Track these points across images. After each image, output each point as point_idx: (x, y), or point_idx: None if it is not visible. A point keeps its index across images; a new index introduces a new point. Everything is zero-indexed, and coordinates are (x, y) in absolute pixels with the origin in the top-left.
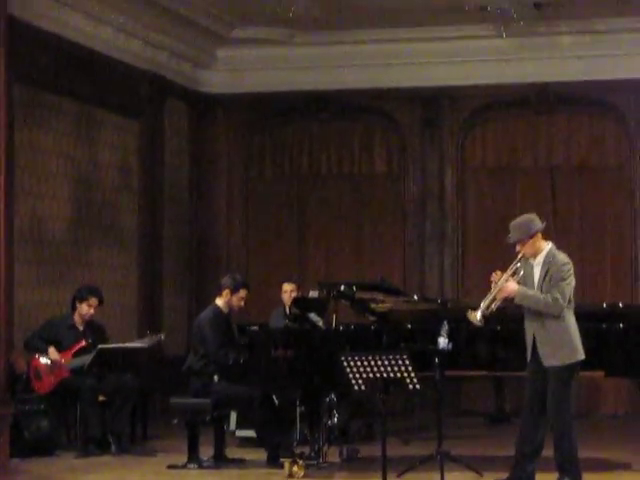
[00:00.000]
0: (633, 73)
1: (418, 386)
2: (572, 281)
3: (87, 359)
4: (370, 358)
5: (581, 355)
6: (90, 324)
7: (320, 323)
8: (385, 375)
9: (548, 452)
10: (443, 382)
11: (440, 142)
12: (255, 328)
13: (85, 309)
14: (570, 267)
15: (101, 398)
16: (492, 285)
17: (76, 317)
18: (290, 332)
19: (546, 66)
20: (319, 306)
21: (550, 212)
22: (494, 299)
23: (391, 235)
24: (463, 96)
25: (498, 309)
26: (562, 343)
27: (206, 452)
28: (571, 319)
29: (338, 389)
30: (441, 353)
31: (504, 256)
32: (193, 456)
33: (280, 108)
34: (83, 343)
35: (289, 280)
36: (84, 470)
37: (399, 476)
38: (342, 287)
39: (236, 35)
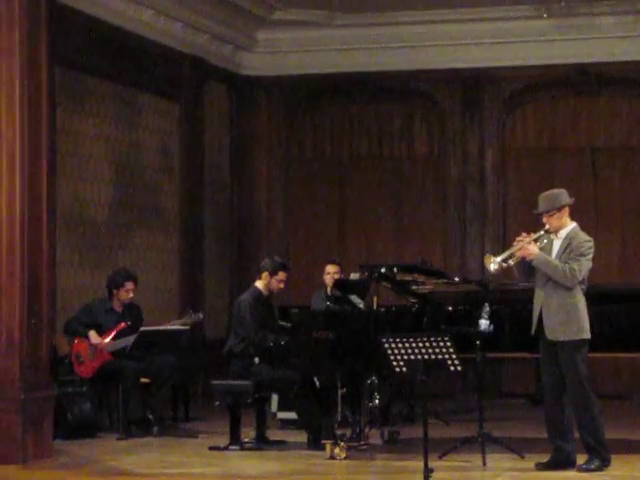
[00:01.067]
0: None
1: (459, 368)
2: (590, 261)
3: (128, 341)
4: (411, 340)
5: (586, 334)
6: (127, 305)
7: (361, 305)
8: (426, 357)
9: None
10: (484, 364)
11: (480, 123)
12: (296, 310)
13: (124, 295)
14: (591, 245)
15: (143, 380)
16: (515, 243)
17: (115, 302)
18: (331, 314)
19: (587, 47)
20: (360, 288)
21: (591, 193)
22: (512, 255)
23: (432, 217)
24: (503, 77)
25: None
26: (568, 319)
27: (248, 434)
28: (581, 298)
29: (379, 371)
30: (482, 335)
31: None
32: (235, 438)
33: (320, 90)
34: (123, 325)
35: (332, 262)
36: (126, 451)
37: (440, 458)
38: (383, 269)
39: (276, 17)
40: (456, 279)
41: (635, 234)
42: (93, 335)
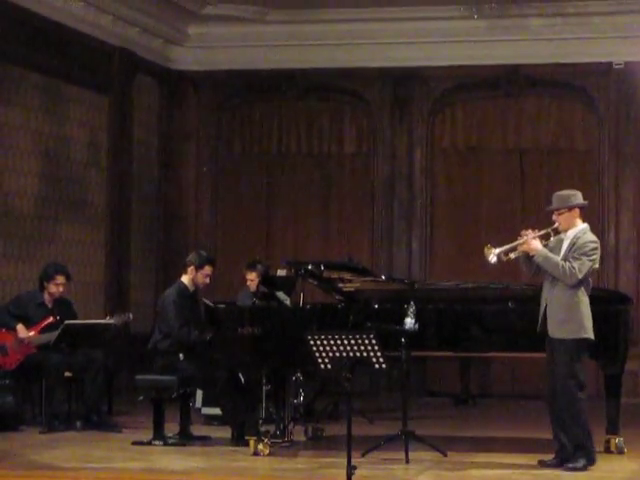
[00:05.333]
0: (602, 56)
1: (384, 366)
2: (595, 262)
3: (54, 335)
4: (336, 337)
5: (587, 334)
6: (58, 300)
7: (287, 302)
8: (351, 354)
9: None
10: (409, 362)
11: (410, 123)
12: (222, 306)
13: (53, 288)
14: (596, 247)
15: (67, 374)
16: (519, 237)
17: (46, 296)
18: (257, 310)
19: (516, 48)
20: (287, 285)
21: (518, 194)
22: (514, 249)
23: (359, 215)
24: (433, 77)
25: (463, 289)
26: (570, 317)
27: (171, 429)
28: (584, 299)
29: (304, 368)
30: (407, 333)
31: (473, 236)
32: (158, 433)
33: (250, 86)
34: (51, 319)
35: (251, 267)
36: (49, 446)
37: (364, 455)
38: (310, 266)
39: (208, 12)
40: (382, 277)
41: None
42: (21, 328)
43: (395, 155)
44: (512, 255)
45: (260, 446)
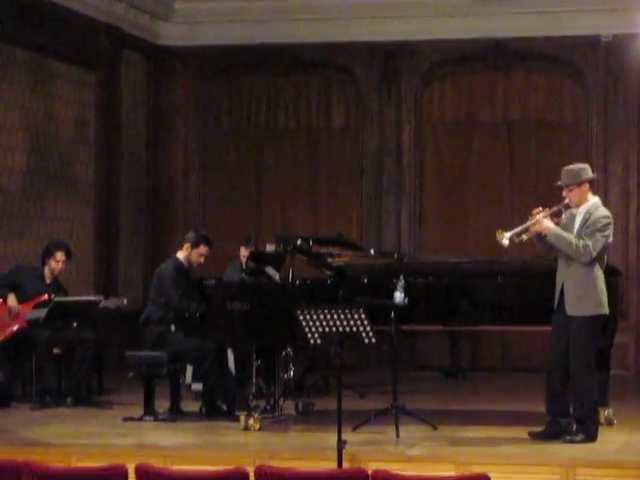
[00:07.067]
0: (590, 29)
1: (374, 340)
2: (609, 237)
3: (45, 312)
4: (326, 312)
5: (604, 309)
6: (57, 283)
7: (276, 277)
8: (341, 329)
9: None
10: (399, 336)
11: (398, 97)
12: (212, 281)
13: (53, 264)
14: (609, 222)
15: (56, 351)
16: (530, 217)
17: (46, 272)
18: (246, 286)
19: (504, 22)
20: (276, 260)
21: (507, 167)
22: (526, 230)
23: (348, 189)
24: (421, 51)
25: (452, 263)
26: (587, 294)
27: (162, 405)
28: (599, 274)
29: (294, 343)
30: (397, 307)
31: (462, 210)
32: (149, 409)
33: (237, 61)
34: (45, 297)
35: (246, 243)
36: (39, 422)
37: (354, 429)
38: (299, 241)
39: None
40: (372, 252)
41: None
42: (11, 297)
43: (384, 129)
44: (524, 236)
45: (250, 421)
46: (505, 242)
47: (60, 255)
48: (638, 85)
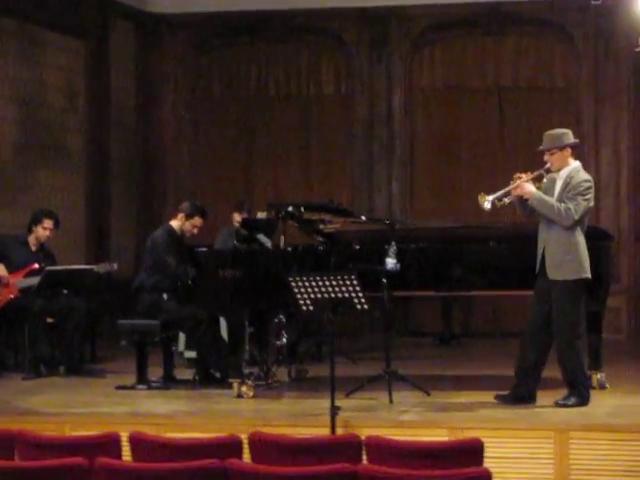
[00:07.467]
0: None
1: (366, 306)
2: (590, 201)
3: (36, 280)
4: (318, 278)
5: (586, 273)
6: (44, 249)
7: (268, 244)
8: (333, 295)
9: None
10: (391, 303)
11: (388, 63)
12: (203, 249)
13: (41, 232)
14: (590, 185)
15: (49, 320)
16: (511, 181)
17: (31, 239)
18: (238, 253)
19: None
20: (267, 227)
21: (497, 132)
22: (508, 193)
23: (339, 156)
24: (411, 16)
25: (443, 228)
26: (568, 258)
27: (155, 373)
28: (581, 239)
29: (286, 310)
30: (389, 274)
31: (453, 176)
32: (142, 377)
33: (227, 28)
34: (36, 266)
35: (239, 209)
36: (32, 391)
37: (347, 395)
38: (290, 208)
39: None
40: (363, 218)
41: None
42: (1, 268)
43: (374, 95)
44: (506, 200)
45: (244, 388)
46: (487, 205)
47: (48, 223)
48: (628, 49)
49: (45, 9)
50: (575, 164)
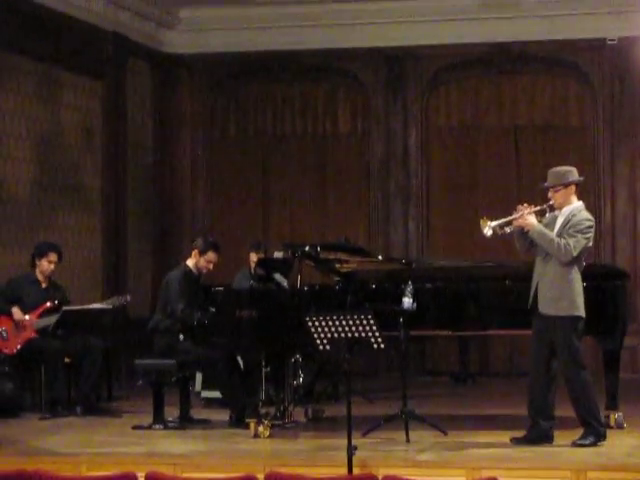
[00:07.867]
0: (596, 32)
1: (382, 345)
2: (590, 241)
3: (53, 319)
4: (335, 318)
5: (580, 312)
6: (53, 284)
7: (285, 283)
8: (350, 335)
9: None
10: (407, 342)
11: (404, 102)
12: (220, 289)
13: (45, 265)
14: (592, 225)
15: (66, 360)
16: (514, 211)
17: (37, 274)
18: (255, 292)
19: (510, 25)
20: (284, 267)
21: (514, 171)
22: (510, 223)
23: (355, 195)
24: (427, 56)
25: (460, 268)
26: (562, 294)
27: (171, 413)
28: (577, 276)
29: (303, 349)
30: (405, 313)
31: (468, 215)
32: (158, 417)
33: (243, 68)
34: (49, 304)
35: (256, 249)
36: (49, 431)
37: (364, 435)
38: (307, 248)
39: None
40: (379, 257)
41: None
42: (17, 311)
43: (390, 135)
44: (507, 229)
45: (260, 428)
46: (488, 232)
47: (53, 256)
48: None
49: (62, 49)
50: (578, 203)
